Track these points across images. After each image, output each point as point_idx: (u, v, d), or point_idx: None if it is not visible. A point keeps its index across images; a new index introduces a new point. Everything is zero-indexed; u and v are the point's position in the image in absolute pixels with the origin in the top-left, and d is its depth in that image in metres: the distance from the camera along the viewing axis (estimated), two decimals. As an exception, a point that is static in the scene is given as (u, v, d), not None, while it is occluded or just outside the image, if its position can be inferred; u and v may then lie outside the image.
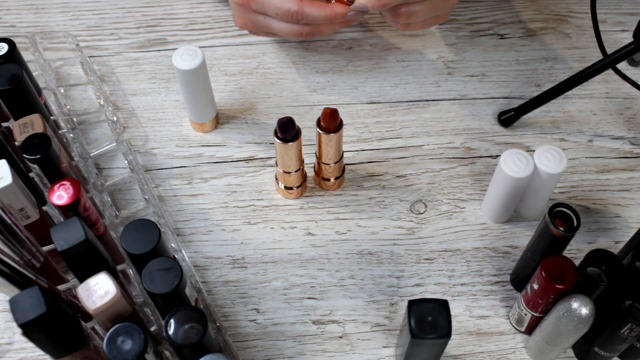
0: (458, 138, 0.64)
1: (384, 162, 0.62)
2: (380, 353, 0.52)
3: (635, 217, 0.59)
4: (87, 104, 0.66)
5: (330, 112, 0.52)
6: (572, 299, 0.44)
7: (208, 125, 0.63)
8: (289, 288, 0.55)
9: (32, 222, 0.48)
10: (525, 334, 0.53)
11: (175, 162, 0.62)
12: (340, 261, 0.56)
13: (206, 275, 0.55)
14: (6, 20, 0.72)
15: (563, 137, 0.64)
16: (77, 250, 0.41)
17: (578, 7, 0.74)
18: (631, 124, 0.65)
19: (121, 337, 0.38)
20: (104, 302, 0.40)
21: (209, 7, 0.73)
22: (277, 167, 0.57)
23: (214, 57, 0.69)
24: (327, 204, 0.59)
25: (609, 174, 0.61)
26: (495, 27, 0.72)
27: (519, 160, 0.52)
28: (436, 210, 0.59)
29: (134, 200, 0.59)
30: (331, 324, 0.53)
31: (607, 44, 0.63)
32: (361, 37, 0.71)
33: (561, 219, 0.48)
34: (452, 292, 0.55)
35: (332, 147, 0.55)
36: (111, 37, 0.71)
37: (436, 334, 0.42)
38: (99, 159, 0.62)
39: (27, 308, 0.36)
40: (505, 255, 0.57)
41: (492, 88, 0.67)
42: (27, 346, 0.52)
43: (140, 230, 0.44)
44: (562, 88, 0.60)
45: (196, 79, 0.57)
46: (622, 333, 0.46)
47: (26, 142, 0.47)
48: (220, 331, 0.52)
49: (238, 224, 0.58)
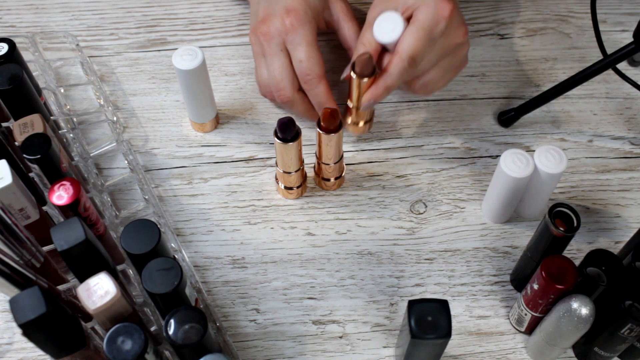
0: (458, 138, 0.64)
1: (384, 162, 0.62)
2: (380, 353, 0.52)
3: (635, 217, 0.59)
4: (87, 104, 0.66)
5: (330, 112, 0.52)
6: (572, 299, 0.44)
7: (208, 125, 0.63)
8: (289, 288, 0.55)
9: (32, 222, 0.48)
10: (525, 334, 0.53)
11: (175, 162, 0.62)
12: (340, 261, 0.56)
13: (206, 275, 0.55)
14: (6, 20, 0.72)
15: (563, 137, 0.64)
16: (77, 250, 0.41)
17: (578, 7, 0.74)
18: (631, 124, 0.65)
19: (121, 337, 0.38)
20: (104, 302, 0.40)
21: (209, 7, 0.73)
22: (277, 167, 0.57)
23: (214, 57, 0.69)
24: (327, 204, 0.59)
25: (609, 174, 0.61)
26: (495, 27, 0.72)
27: (519, 160, 0.52)
28: (436, 210, 0.59)
29: (134, 200, 0.59)
30: (331, 324, 0.53)
31: (607, 44, 0.63)
32: (361, 37, 0.71)
33: (561, 219, 0.48)
34: (452, 292, 0.55)
35: (332, 147, 0.55)
36: (111, 37, 0.71)
37: (436, 334, 0.42)
38: (99, 159, 0.62)
39: (27, 308, 0.36)
40: (505, 255, 0.57)
41: (492, 88, 0.67)
42: (27, 346, 0.52)
43: (140, 230, 0.44)
44: (562, 88, 0.60)
45: (196, 79, 0.57)
46: (622, 333, 0.46)
47: (26, 142, 0.47)
48: (220, 331, 0.52)
49: (238, 224, 0.58)
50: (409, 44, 0.52)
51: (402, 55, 0.52)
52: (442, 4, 0.53)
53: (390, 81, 0.53)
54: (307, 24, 0.57)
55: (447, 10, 0.53)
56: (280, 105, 0.63)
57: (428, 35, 0.52)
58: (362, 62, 0.53)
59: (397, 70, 0.53)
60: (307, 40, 0.57)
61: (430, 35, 0.52)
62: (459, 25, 0.55)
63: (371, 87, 0.54)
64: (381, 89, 0.54)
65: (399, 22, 0.53)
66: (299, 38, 0.57)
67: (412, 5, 0.54)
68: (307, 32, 0.57)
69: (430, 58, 0.54)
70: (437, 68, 0.56)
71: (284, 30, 0.57)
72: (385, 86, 0.53)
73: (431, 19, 0.52)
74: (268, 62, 0.59)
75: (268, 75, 0.59)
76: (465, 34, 0.56)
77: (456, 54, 0.57)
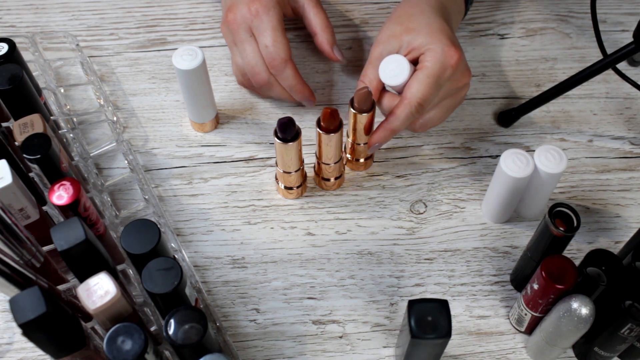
0: (458, 138, 0.64)
1: (384, 162, 0.62)
2: (380, 353, 0.52)
3: (635, 217, 0.59)
4: (87, 104, 0.66)
5: (330, 112, 0.52)
6: (572, 299, 0.44)
7: (208, 125, 0.63)
8: (289, 288, 0.55)
9: (32, 222, 0.48)
10: (525, 334, 0.53)
11: (175, 162, 0.62)
12: (340, 261, 0.56)
13: (206, 275, 0.55)
14: (6, 20, 0.72)
15: (563, 137, 0.64)
16: (77, 250, 0.41)
17: (578, 7, 0.74)
18: (631, 124, 0.65)
19: (121, 337, 0.38)
20: (104, 302, 0.40)
21: (209, 7, 0.73)
22: (277, 167, 0.57)
23: (214, 57, 0.69)
24: (327, 204, 0.59)
25: (609, 174, 0.61)
26: (495, 27, 0.72)
27: (519, 160, 0.52)
28: (436, 210, 0.59)
29: (134, 200, 0.59)
30: (331, 324, 0.53)
31: (607, 44, 0.63)
32: (361, 37, 0.71)
33: (561, 219, 0.48)
34: (452, 292, 0.55)
35: (332, 147, 0.55)
36: (111, 37, 0.71)
37: (436, 334, 0.42)
38: (99, 159, 0.62)
39: (27, 308, 0.36)
40: (505, 255, 0.57)
41: (492, 88, 0.67)
42: (27, 346, 0.52)
43: (140, 230, 0.44)
44: (562, 88, 0.60)
45: (196, 79, 0.57)
46: (622, 333, 0.46)
47: (26, 142, 0.47)
48: (220, 331, 0.52)
49: (238, 224, 0.58)
50: (418, 91, 0.53)
51: (411, 102, 0.53)
52: (450, 52, 0.53)
53: (397, 125, 0.54)
54: (272, 9, 0.58)
55: (454, 58, 0.53)
56: (259, 91, 0.62)
57: (436, 82, 0.53)
58: (361, 96, 0.53)
59: (404, 115, 0.54)
60: (272, 25, 0.58)
61: (438, 82, 0.53)
62: (464, 70, 0.56)
63: (378, 130, 0.56)
64: (388, 132, 0.55)
65: (405, 66, 0.54)
66: (264, 24, 0.58)
67: (418, 48, 0.54)
68: (271, 17, 0.58)
69: (434, 101, 0.55)
70: (439, 108, 0.57)
71: (250, 17, 0.58)
72: (392, 129, 0.55)
73: (439, 67, 0.53)
74: (240, 49, 0.60)
75: (242, 62, 0.60)
76: (469, 77, 0.57)
77: (457, 95, 0.58)
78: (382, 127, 0.55)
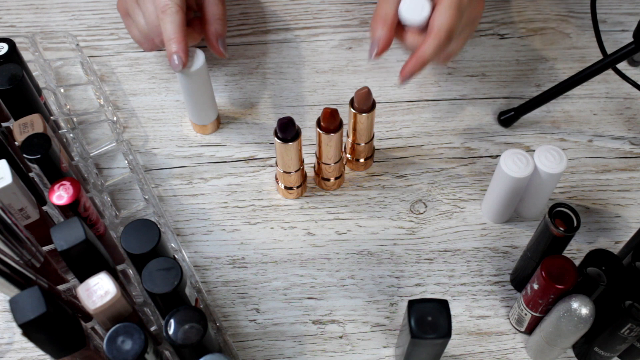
0: (458, 138, 0.64)
1: (384, 162, 0.62)
2: (380, 353, 0.52)
3: (635, 217, 0.59)
4: (87, 104, 0.66)
5: (330, 112, 0.52)
6: (572, 299, 0.44)
7: (209, 127, 0.63)
8: (289, 288, 0.55)
9: (32, 222, 0.48)
10: (525, 334, 0.53)
11: (175, 162, 0.62)
12: (340, 261, 0.56)
13: (206, 275, 0.55)
14: (6, 20, 0.72)
15: (563, 137, 0.64)
16: (77, 250, 0.41)
17: (578, 7, 0.74)
18: (631, 124, 0.65)
19: (121, 337, 0.38)
20: (104, 302, 0.40)
21: (209, 7, 0.73)
22: (277, 167, 0.57)
23: (214, 57, 0.69)
24: (327, 204, 0.59)
25: (609, 174, 0.61)
26: (495, 27, 0.72)
27: (519, 160, 0.52)
28: (436, 210, 0.59)
29: (134, 200, 0.59)
30: (331, 324, 0.53)
31: (607, 44, 0.63)
32: (361, 37, 0.71)
33: (561, 219, 0.48)
34: (452, 292, 0.55)
35: (332, 147, 0.55)
36: (111, 37, 0.71)
37: (436, 334, 0.42)
38: (99, 159, 0.62)
39: (27, 308, 0.36)
40: (505, 255, 0.57)
41: (492, 88, 0.67)
42: (27, 346, 0.52)
43: (140, 230, 0.44)
44: (562, 88, 0.60)
45: (197, 80, 0.57)
46: (622, 333, 0.46)
47: (26, 142, 0.47)
48: (220, 331, 0.52)
49: (238, 224, 0.58)
50: (445, 20, 0.53)
51: (440, 31, 0.53)
52: None
53: (429, 54, 0.54)
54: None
55: None
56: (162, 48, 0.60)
57: (459, 10, 0.53)
58: (361, 96, 0.53)
59: (435, 45, 0.53)
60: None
61: (460, 9, 0.53)
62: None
63: (410, 61, 0.54)
64: (420, 61, 0.54)
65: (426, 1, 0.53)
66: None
67: None
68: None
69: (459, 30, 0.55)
70: (460, 38, 0.57)
71: None
72: (424, 59, 0.54)
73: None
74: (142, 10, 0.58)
75: (145, 22, 0.58)
76: (483, 4, 0.57)
77: (473, 25, 0.58)
78: (414, 57, 0.54)
